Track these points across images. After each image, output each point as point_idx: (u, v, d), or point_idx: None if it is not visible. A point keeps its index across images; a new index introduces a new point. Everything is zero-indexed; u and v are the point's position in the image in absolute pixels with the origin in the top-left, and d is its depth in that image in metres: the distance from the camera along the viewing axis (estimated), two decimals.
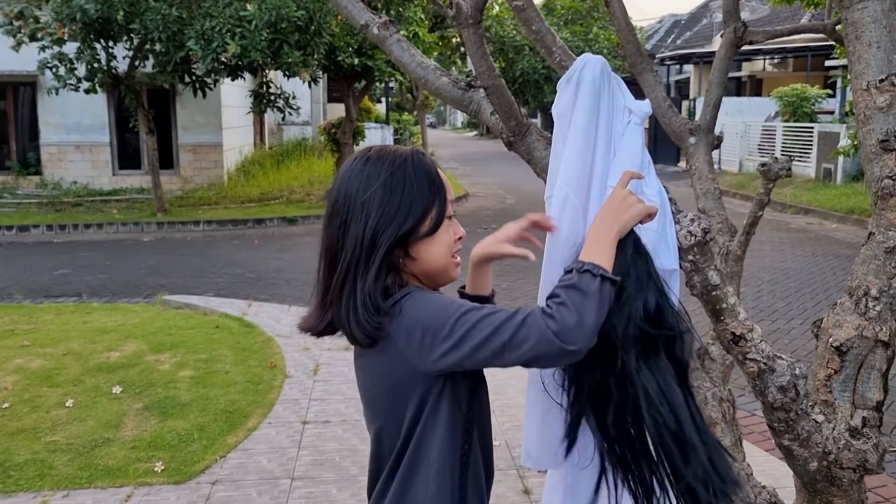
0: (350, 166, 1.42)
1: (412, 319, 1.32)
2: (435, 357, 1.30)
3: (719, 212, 2.63)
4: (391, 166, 1.38)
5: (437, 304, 1.34)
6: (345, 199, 1.38)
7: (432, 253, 1.40)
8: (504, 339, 1.25)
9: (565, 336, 1.21)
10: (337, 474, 3.97)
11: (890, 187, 1.58)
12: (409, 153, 1.41)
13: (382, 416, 1.43)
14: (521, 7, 1.77)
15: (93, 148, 15.92)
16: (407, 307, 1.34)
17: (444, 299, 1.36)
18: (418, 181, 1.38)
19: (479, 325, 1.27)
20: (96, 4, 11.13)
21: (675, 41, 35.17)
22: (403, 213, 1.35)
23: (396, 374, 1.37)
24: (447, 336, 1.28)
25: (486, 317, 1.27)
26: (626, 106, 1.53)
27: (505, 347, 1.25)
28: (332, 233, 1.40)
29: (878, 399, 1.65)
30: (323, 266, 1.43)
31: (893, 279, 1.60)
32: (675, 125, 2.75)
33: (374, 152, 1.42)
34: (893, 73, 1.63)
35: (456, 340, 1.28)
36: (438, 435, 1.38)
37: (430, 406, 1.38)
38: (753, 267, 9.67)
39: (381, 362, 1.39)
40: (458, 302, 1.34)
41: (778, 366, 1.58)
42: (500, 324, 1.26)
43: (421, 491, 1.39)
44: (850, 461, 1.61)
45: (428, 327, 1.30)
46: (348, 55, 13.62)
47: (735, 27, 2.78)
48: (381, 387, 1.41)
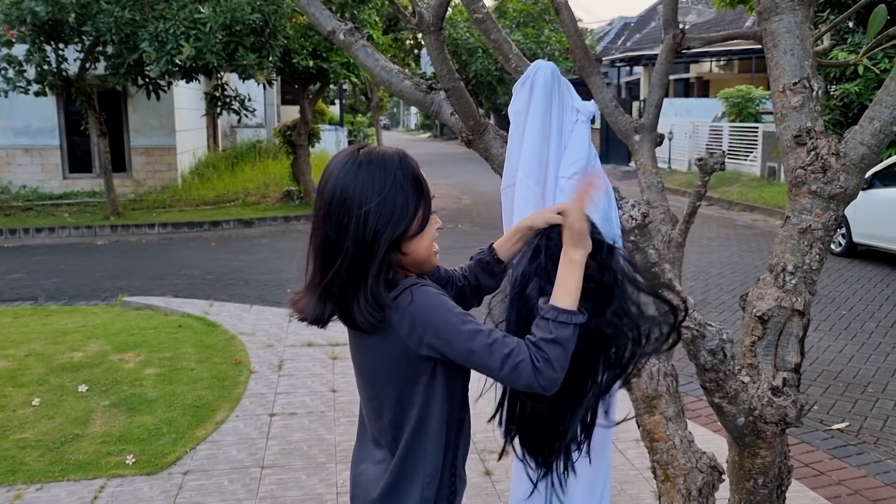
0: (343, 168, 1.53)
1: (418, 313, 1.50)
2: (433, 346, 1.50)
3: (662, 203, 2.86)
4: (384, 171, 1.52)
5: (443, 304, 1.52)
6: (341, 202, 1.50)
7: (420, 247, 1.58)
8: (495, 365, 1.46)
9: (548, 387, 1.47)
10: (305, 462, 4.12)
11: (802, 176, 1.82)
12: (397, 156, 1.55)
13: (381, 390, 1.61)
14: (481, 19, 1.96)
15: (42, 151, 15.70)
16: (413, 301, 1.50)
17: (447, 301, 1.53)
18: (408, 185, 1.54)
19: (483, 345, 1.46)
20: (47, 6, 11.04)
21: (625, 43, 35.86)
22: (398, 216, 1.51)
23: (396, 357, 1.55)
24: (449, 339, 1.48)
25: (489, 343, 1.47)
26: (574, 106, 1.74)
27: (494, 373, 1.48)
28: (328, 232, 1.52)
29: (796, 362, 1.88)
30: (318, 261, 1.56)
31: (806, 256, 1.83)
32: (622, 124, 2.98)
33: (365, 156, 1.54)
34: (805, 76, 1.87)
35: (456, 342, 1.48)
36: (437, 406, 1.59)
37: (426, 382, 1.57)
38: (702, 262, 10.06)
39: (381, 346, 1.56)
40: (458, 309, 1.52)
41: (708, 332, 1.81)
42: (499, 359, 1.46)
43: (423, 451, 1.59)
44: (773, 416, 1.84)
45: (433, 324, 1.49)
46: (303, 57, 13.69)
47: (674, 33, 3.01)
48: (381, 366, 1.59)
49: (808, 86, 1.85)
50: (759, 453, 1.94)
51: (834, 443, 4.58)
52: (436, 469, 1.62)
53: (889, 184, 9.79)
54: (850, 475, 4.15)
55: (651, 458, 2.59)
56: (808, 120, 1.85)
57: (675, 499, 2.51)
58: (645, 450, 2.61)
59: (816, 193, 1.82)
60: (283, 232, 13.41)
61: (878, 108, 1.80)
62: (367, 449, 1.73)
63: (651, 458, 2.59)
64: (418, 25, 2.53)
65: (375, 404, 1.64)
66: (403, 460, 1.61)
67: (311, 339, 6.32)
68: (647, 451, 2.59)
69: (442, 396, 1.59)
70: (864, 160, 1.81)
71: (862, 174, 1.82)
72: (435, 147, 39.49)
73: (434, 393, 1.58)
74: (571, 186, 1.70)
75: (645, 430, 2.56)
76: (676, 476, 2.49)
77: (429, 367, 1.56)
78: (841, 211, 1.84)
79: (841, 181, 1.80)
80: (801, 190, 1.84)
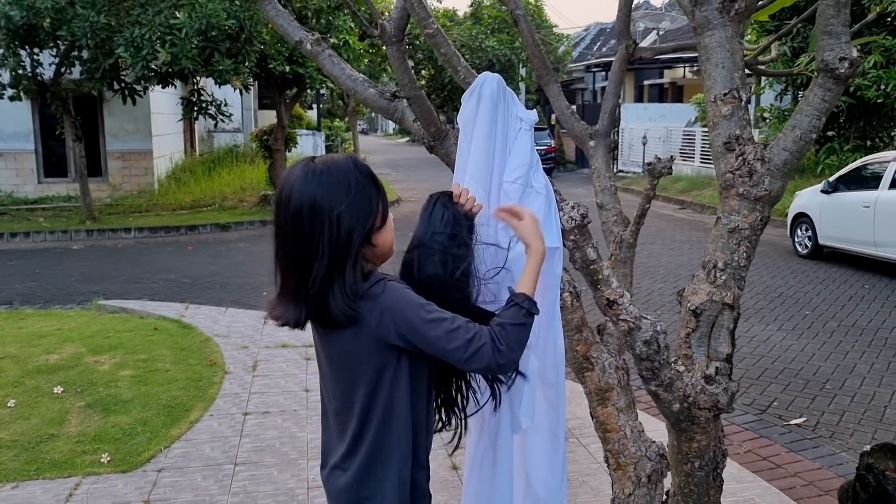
0: (305, 179, 1.63)
1: (389, 303, 1.64)
2: (402, 335, 1.64)
3: (615, 205, 3.00)
4: (346, 175, 1.65)
5: (409, 296, 1.66)
6: (312, 210, 1.61)
7: (386, 238, 1.72)
8: (459, 349, 1.61)
9: (507, 368, 1.65)
10: (278, 459, 4.23)
11: (731, 180, 1.97)
12: (350, 159, 1.69)
13: (350, 382, 1.73)
14: (432, 34, 2.09)
15: (17, 156, 15.65)
16: (385, 292, 1.65)
17: (412, 293, 1.68)
18: (368, 183, 1.68)
19: (446, 331, 1.61)
20: (21, 11, 11.04)
21: (600, 48, 36.23)
22: (366, 212, 1.65)
23: (365, 348, 1.68)
24: (417, 327, 1.62)
25: (452, 329, 1.62)
26: (518, 115, 1.88)
27: (457, 356, 1.62)
28: (299, 240, 1.64)
29: (727, 352, 2.03)
30: (290, 269, 1.67)
31: (735, 253, 1.98)
32: (577, 130, 3.12)
33: (321, 164, 1.66)
34: (734, 87, 2.01)
35: (424, 331, 1.62)
36: (402, 393, 1.72)
37: (393, 371, 1.70)
38: (672, 264, 10.26)
39: (350, 339, 1.68)
40: (422, 300, 1.66)
41: (643, 324, 1.95)
42: (463, 343, 1.61)
43: (394, 436, 1.73)
44: (706, 402, 1.99)
45: (403, 314, 1.62)
46: (279, 63, 13.78)
47: (626, 45, 3.16)
48: (350, 359, 1.71)
49: (738, 96, 2.00)
50: (695, 438, 2.08)
51: (791, 437, 4.75)
52: (408, 450, 1.75)
53: (853, 187, 10.05)
54: (805, 468, 4.32)
55: (604, 447, 2.73)
56: (737, 128, 1.99)
57: (626, 485, 2.65)
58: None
59: (744, 196, 1.96)
60: (259, 236, 13.47)
61: (799, 116, 1.95)
62: (335, 441, 1.83)
63: (604, 448, 2.73)
64: (381, 37, 2.66)
65: (345, 397, 1.75)
66: (375, 445, 1.73)
67: (285, 340, 6.41)
68: (601, 441, 2.73)
69: (406, 384, 1.72)
70: (787, 165, 1.96)
71: (785, 178, 1.97)
72: (412, 151, 39.63)
73: (399, 381, 1.71)
74: (515, 190, 1.84)
75: (598, 421, 2.70)
76: (627, 464, 2.63)
77: (395, 357, 1.69)
78: (767, 212, 1.99)
79: (766, 184, 1.95)
80: (730, 192, 1.99)
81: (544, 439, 2.03)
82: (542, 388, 2.00)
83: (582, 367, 2.57)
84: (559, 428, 2.06)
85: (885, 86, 13.60)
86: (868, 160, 10.24)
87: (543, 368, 1.98)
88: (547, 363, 1.98)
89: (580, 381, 2.67)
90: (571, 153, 27.65)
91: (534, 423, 1.99)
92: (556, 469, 2.05)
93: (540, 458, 2.10)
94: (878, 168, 9.70)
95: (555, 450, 2.06)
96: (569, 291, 2.42)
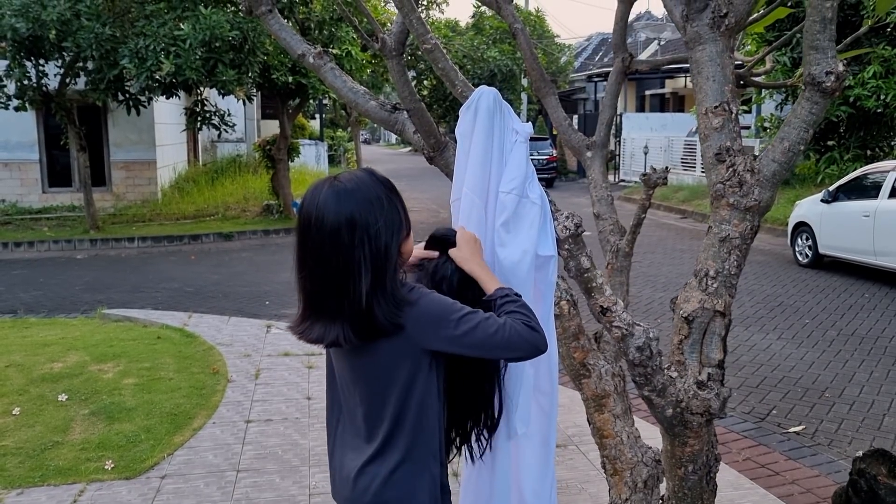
0: (336, 198, 1.66)
1: (425, 309, 1.70)
2: (443, 337, 1.69)
3: (611, 215, 3.05)
4: (373, 190, 1.70)
5: (442, 300, 1.73)
6: (350, 228, 1.64)
7: (410, 243, 1.81)
8: (497, 333, 1.68)
9: (542, 344, 1.73)
10: (280, 466, 4.27)
11: (721, 190, 2.02)
12: (371, 174, 1.75)
13: (385, 389, 1.76)
14: (430, 49, 2.15)
15: (21, 165, 15.75)
16: (420, 299, 1.70)
17: (443, 297, 1.75)
18: (393, 196, 1.75)
19: (482, 320, 1.69)
20: (27, 23, 11.14)
21: (602, 59, 36.36)
22: (398, 224, 1.72)
23: (402, 354, 1.72)
24: (455, 325, 1.68)
25: (486, 318, 1.69)
26: (514, 128, 1.93)
27: (496, 341, 1.68)
28: (341, 259, 1.65)
29: (719, 358, 2.08)
30: (331, 289, 1.68)
31: (726, 262, 2.03)
32: (575, 141, 3.18)
33: (348, 182, 1.70)
34: (725, 100, 2.07)
35: (463, 331, 1.68)
36: (433, 396, 1.78)
37: (426, 373, 1.76)
38: (673, 273, 10.30)
39: (387, 346, 1.72)
40: (451, 300, 1.73)
41: (636, 331, 2.00)
42: (496, 325, 1.69)
43: (426, 434, 1.78)
44: (698, 408, 2.03)
45: (441, 317, 1.69)
46: (282, 73, 13.87)
47: (623, 57, 3.22)
48: (387, 367, 1.74)
49: (728, 109, 2.05)
50: (688, 442, 2.13)
51: (790, 445, 4.79)
52: (437, 450, 1.81)
53: (853, 197, 10.09)
54: (803, 475, 4.35)
55: (601, 453, 2.77)
56: (727, 139, 2.05)
57: (623, 491, 2.70)
58: None
59: (734, 206, 2.02)
60: (262, 245, 13.54)
61: (788, 129, 2.00)
62: (359, 448, 1.84)
63: (601, 454, 2.77)
64: (381, 50, 2.72)
65: (376, 401, 1.77)
66: (408, 446, 1.77)
67: (287, 349, 6.46)
68: (598, 446, 2.78)
69: (436, 385, 1.78)
70: (776, 176, 2.01)
71: (774, 188, 2.02)
72: (414, 161, 39.72)
73: (431, 383, 1.77)
74: (511, 200, 1.89)
75: (595, 427, 2.74)
76: (624, 470, 2.67)
77: (427, 361, 1.75)
78: (757, 222, 2.04)
79: (755, 194, 2.00)
80: (721, 203, 2.04)
81: (535, 447, 2.07)
82: (536, 396, 2.04)
83: (579, 374, 2.62)
84: (550, 436, 2.10)
85: (885, 96, 13.66)
86: (868, 170, 10.29)
87: (538, 376, 2.02)
88: (541, 371, 2.02)
89: (577, 387, 2.72)
90: (573, 163, 27.73)
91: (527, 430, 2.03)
92: (546, 478, 2.09)
93: (530, 467, 2.13)
94: (878, 177, 9.75)
95: (545, 458, 2.10)
96: (566, 300, 2.47)
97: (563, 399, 4.79)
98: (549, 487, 2.14)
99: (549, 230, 1.92)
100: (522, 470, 2.14)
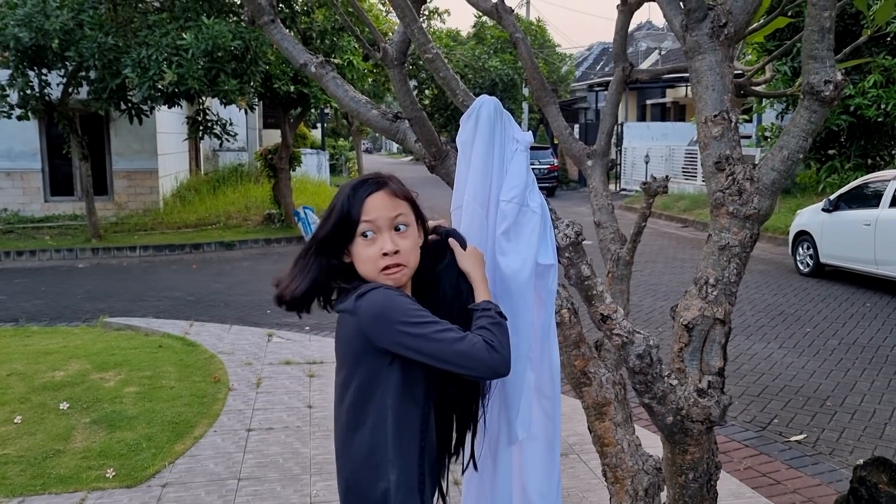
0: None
1: (370, 305, 1.71)
2: (388, 338, 1.70)
3: (612, 224, 3.07)
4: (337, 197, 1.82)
5: (400, 301, 1.72)
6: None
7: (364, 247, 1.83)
8: (450, 345, 1.66)
9: (501, 368, 1.70)
10: (281, 474, 4.27)
11: (721, 199, 2.03)
12: (351, 182, 1.84)
13: (341, 358, 1.82)
14: (431, 59, 2.17)
15: (24, 175, 15.78)
16: (369, 296, 1.73)
17: (407, 300, 1.75)
18: (347, 198, 1.83)
19: (437, 331, 1.68)
20: (31, 32, 11.20)
21: (603, 68, 36.47)
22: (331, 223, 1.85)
23: (359, 345, 1.75)
24: (407, 327, 1.68)
25: (443, 329, 1.68)
26: (514, 137, 1.95)
27: (449, 354, 1.67)
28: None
29: (719, 366, 2.08)
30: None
31: (725, 270, 2.04)
32: (575, 150, 3.19)
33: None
34: (724, 109, 2.08)
35: (415, 333, 1.67)
36: (395, 398, 1.75)
37: (384, 373, 1.74)
38: (674, 283, 10.30)
39: (350, 330, 1.78)
40: (417, 306, 1.73)
41: (636, 338, 2.00)
42: (451, 337, 1.67)
43: (368, 434, 1.77)
44: (699, 415, 2.04)
45: (387, 317, 1.69)
46: (284, 83, 13.91)
47: (623, 66, 3.24)
48: (343, 338, 1.81)
49: (727, 118, 2.07)
50: (689, 450, 2.13)
51: (792, 454, 4.79)
52: (399, 459, 1.76)
53: (854, 206, 10.10)
54: (805, 484, 4.35)
55: (602, 461, 2.77)
56: (727, 148, 2.06)
57: (624, 499, 2.70)
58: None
59: (733, 214, 2.03)
60: (263, 254, 13.56)
61: (787, 137, 2.01)
62: (339, 434, 1.87)
63: (602, 462, 2.77)
64: (383, 59, 2.74)
65: (340, 391, 1.82)
66: (369, 444, 1.76)
67: (288, 357, 6.47)
68: (598, 455, 2.78)
69: (400, 389, 1.75)
70: (775, 184, 2.02)
71: (773, 196, 2.04)
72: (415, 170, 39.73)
73: (390, 383, 1.74)
74: (511, 209, 1.90)
75: (596, 435, 2.74)
76: (625, 478, 2.67)
77: (384, 359, 1.74)
78: (756, 230, 2.05)
79: (755, 203, 2.01)
80: (721, 211, 2.05)
81: (540, 449, 2.08)
82: (539, 400, 2.05)
83: (580, 382, 2.62)
84: (555, 438, 2.11)
85: (885, 105, 13.69)
86: (869, 179, 10.30)
87: (540, 381, 2.03)
88: (543, 376, 2.03)
89: (578, 395, 2.72)
90: (574, 172, 27.76)
91: (530, 433, 2.04)
92: (552, 480, 2.10)
93: (536, 469, 2.14)
94: (879, 186, 9.77)
95: (551, 460, 2.10)
96: (567, 308, 2.48)
97: (564, 408, 4.78)
98: (555, 488, 2.15)
99: (549, 239, 1.93)
100: (528, 471, 2.15)
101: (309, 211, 14.53)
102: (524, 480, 2.09)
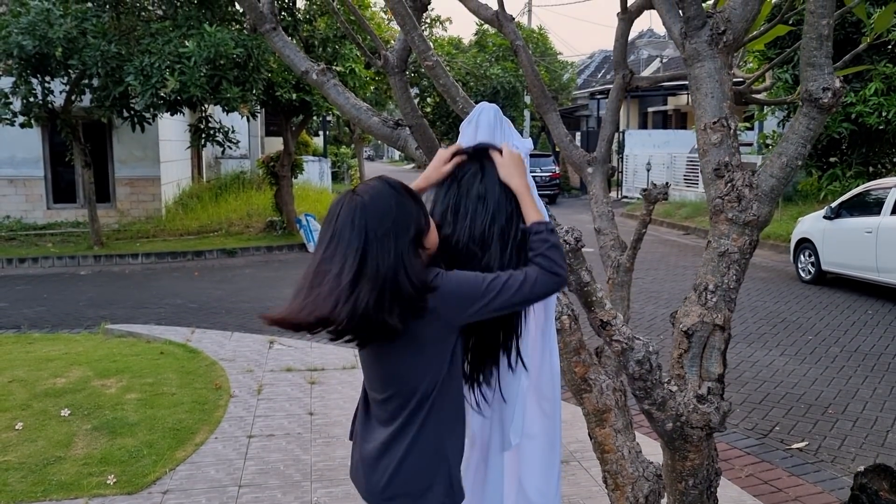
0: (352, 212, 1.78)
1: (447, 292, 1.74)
2: (469, 313, 1.74)
3: (612, 230, 3.07)
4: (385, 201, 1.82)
5: (465, 277, 1.77)
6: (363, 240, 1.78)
7: (433, 235, 1.88)
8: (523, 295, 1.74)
9: (563, 284, 1.78)
10: (282, 481, 4.27)
11: (720, 205, 2.04)
12: (384, 182, 1.87)
13: (414, 372, 1.80)
14: (431, 66, 2.18)
15: (26, 182, 15.82)
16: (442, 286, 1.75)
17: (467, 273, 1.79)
18: (400, 199, 1.89)
19: (503, 287, 1.73)
20: (34, 40, 11.25)
21: (604, 76, 36.54)
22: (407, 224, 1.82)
23: (430, 336, 1.77)
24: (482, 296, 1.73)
25: (506, 279, 1.74)
26: (514, 143, 1.95)
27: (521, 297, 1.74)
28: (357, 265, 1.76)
29: (719, 372, 2.08)
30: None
31: (725, 276, 2.04)
32: (576, 157, 3.20)
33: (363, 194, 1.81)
34: (723, 116, 2.09)
35: (489, 298, 1.73)
36: (455, 371, 1.83)
37: (452, 354, 1.81)
38: (675, 290, 10.30)
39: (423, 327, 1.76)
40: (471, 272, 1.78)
41: (636, 345, 2.01)
42: (517, 282, 1.73)
43: (445, 412, 1.82)
44: (698, 421, 2.04)
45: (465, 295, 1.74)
46: (286, 90, 13.95)
47: (623, 74, 3.25)
48: (415, 350, 1.79)
49: (726, 124, 2.07)
50: (689, 456, 2.13)
51: (793, 461, 4.78)
52: (457, 422, 1.85)
53: (855, 213, 10.10)
54: (806, 491, 4.34)
55: (602, 468, 2.77)
56: (726, 155, 2.07)
57: None
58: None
59: (733, 221, 2.03)
60: (265, 262, 13.56)
61: (785, 144, 2.02)
62: (374, 431, 1.89)
63: (602, 469, 2.78)
64: (384, 67, 2.75)
65: (403, 388, 1.81)
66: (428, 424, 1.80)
67: (289, 364, 6.47)
68: (599, 461, 2.78)
69: (458, 363, 1.84)
70: (774, 191, 2.03)
71: (772, 203, 2.04)
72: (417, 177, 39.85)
73: (455, 362, 1.82)
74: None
75: (596, 441, 2.75)
76: (625, 484, 2.68)
77: (454, 337, 1.79)
78: (755, 236, 2.05)
79: (754, 209, 2.02)
80: (720, 217, 2.06)
81: (540, 448, 2.08)
82: (539, 401, 2.05)
83: (580, 388, 2.62)
84: (555, 438, 2.11)
85: (887, 113, 13.70)
86: (870, 186, 10.30)
87: (539, 383, 2.03)
88: (543, 378, 2.03)
89: (579, 402, 2.73)
90: (576, 180, 27.78)
91: (530, 432, 2.04)
92: (551, 478, 2.09)
93: (535, 467, 2.14)
94: (881, 194, 9.77)
95: (551, 459, 2.11)
96: (567, 315, 2.49)
97: (564, 415, 4.79)
98: (554, 487, 2.16)
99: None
100: (525, 469, 2.16)
101: (311, 218, 14.55)
102: (523, 479, 2.09)
